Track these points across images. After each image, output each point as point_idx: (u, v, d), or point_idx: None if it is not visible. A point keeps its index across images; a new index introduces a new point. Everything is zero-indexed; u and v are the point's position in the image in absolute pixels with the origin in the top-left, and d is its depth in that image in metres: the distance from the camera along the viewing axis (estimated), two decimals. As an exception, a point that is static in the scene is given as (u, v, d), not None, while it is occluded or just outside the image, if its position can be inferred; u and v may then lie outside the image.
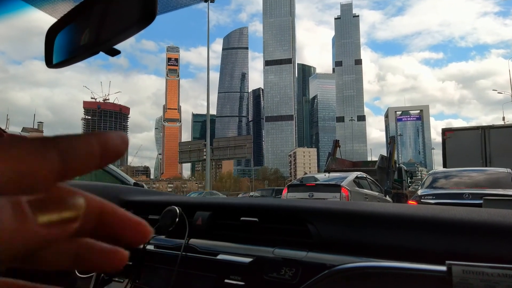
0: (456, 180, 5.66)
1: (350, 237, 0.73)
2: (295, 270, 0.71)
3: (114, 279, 0.94)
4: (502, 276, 0.50)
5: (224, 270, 0.79)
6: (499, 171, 5.63)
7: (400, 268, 0.60)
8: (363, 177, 7.74)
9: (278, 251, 0.77)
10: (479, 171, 5.94)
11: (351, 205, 0.86)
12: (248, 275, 0.76)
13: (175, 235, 0.92)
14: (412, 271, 0.59)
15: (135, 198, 1.14)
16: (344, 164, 13.97)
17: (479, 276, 0.51)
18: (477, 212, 0.68)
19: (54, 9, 0.63)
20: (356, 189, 6.81)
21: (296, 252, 0.75)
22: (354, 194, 6.55)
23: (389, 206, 0.81)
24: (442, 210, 0.72)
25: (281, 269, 0.73)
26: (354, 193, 6.56)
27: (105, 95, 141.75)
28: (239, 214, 0.88)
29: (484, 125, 8.78)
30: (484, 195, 3.66)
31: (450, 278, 0.53)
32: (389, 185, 11.81)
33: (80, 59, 0.50)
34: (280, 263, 0.74)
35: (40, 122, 60.21)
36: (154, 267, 0.91)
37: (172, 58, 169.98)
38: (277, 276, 0.72)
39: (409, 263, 0.61)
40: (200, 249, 0.86)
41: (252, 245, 0.82)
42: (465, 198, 4.69)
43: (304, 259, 0.72)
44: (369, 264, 0.64)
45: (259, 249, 0.80)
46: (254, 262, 0.77)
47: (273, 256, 0.76)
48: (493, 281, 0.50)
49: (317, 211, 0.80)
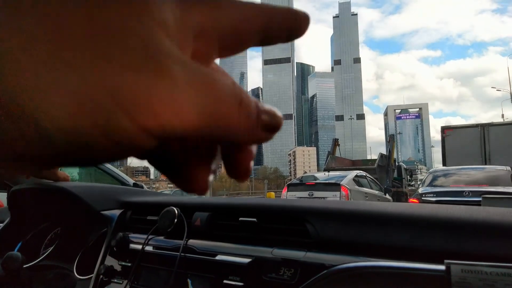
0: (456, 178, 5.75)
1: (349, 237, 0.72)
2: (294, 270, 0.71)
3: (112, 280, 0.93)
4: (501, 275, 0.50)
5: (222, 271, 0.79)
6: (498, 169, 5.71)
7: (399, 267, 0.60)
8: (363, 175, 7.77)
9: (277, 251, 0.77)
10: (478, 169, 6.02)
11: (350, 204, 0.86)
12: (247, 275, 0.76)
13: (173, 236, 0.92)
14: (411, 270, 0.59)
15: (133, 199, 1.14)
16: (343, 162, 14.06)
17: (478, 275, 0.51)
18: (476, 211, 0.67)
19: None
20: (356, 188, 6.83)
21: (295, 252, 0.74)
22: (354, 192, 6.58)
23: (388, 205, 0.81)
24: (441, 209, 0.72)
25: (280, 269, 0.72)
26: (354, 192, 6.58)
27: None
28: (238, 214, 0.88)
29: (483, 123, 8.80)
30: (484, 193, 3.70)
31: (449, 277, 0.53)
32: (388, 184, 11.89)
33: None
34: (279, 263, 0.74)
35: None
36: (153, 268, 0.91)
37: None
38: (276, 277, 0.72)
39: (407, 262, 0.61)
40: (199, 249, 0.86)
41: (251, 246, 0.82)
42: (465, 195, 4.78)
43: (303, 259, 0.72)
44: (368, 264, 0.64)
45: (258, 249, 0.80)
46: (253, 262, 0.77)
47: (272, 256, 0.76)
48: (492, 280, 0.50)
49: (315, 210, 0.80)
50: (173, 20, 0.14)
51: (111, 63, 0.12)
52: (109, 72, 0.12)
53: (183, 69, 0.13)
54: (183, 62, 0.13)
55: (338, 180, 6.65)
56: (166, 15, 0.13)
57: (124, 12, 0.12)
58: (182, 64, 0.13)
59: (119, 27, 0.12)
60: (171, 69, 0.13)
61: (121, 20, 0.12)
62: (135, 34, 0.12)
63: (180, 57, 0.13)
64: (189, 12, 0.14)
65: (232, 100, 0.14)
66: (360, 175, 7.57)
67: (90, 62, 0.12)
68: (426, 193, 5.25)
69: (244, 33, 0.16)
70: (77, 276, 1.00)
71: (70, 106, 0.11)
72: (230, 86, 0.14)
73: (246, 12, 0.16)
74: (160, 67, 0.12)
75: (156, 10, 0.13)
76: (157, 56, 0.12)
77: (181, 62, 0.13)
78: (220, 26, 0.15)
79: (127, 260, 0.95)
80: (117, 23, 0.12)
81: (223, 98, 0.14)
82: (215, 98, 0.13)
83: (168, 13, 0.14)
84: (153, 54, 0.12)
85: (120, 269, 0.94)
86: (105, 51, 0.12)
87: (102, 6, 0.12)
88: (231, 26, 0.15)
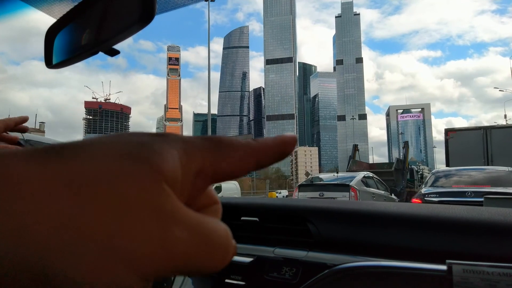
0: (458, 179, 5.82)
1: (350, 237, 0.73)
2: (295, 269, 0.71)
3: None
4: (502, 275, 0.50)
5: (224, 270, 0.79)
6: (499, 170, 5.78)
7: (401, 267, 0.60)
8: (370, 176, 7.94)
9: (278, 251, 0.77)
10: (480, 170, 6.09)
11: (352, 204, 0.86)
12: (248, 274, 0.76)
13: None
14: (412, 270, 0.59)
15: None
16: (362, 166, 14.97)
17: (480, 275, 0.51)
18: (478, 211, 0.67)
19: (53, 9, 0.63)
20: (363, 188, 6.98)
21: (296, 251, 0.75)
22: (362, 193, 6.73)
23: (389, 205, 0.81)
24: (442, 209, 0.72)
25: (282, 269, 0.73)
26: (362, 192, 6.74)
27: (107, 94, 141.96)
28: (240, 213, 0.88)
29: (486, 126, 9.07)
30: (486, 193, 3.72)
31: (450, 277, 0.53)
32: (404, 184, 12.86)
33: (79, 59, 0.50)
34: (281, 263, 0.74)
35: (42, 122, 60.24)
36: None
37: (173, 57, 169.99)
38: (277, 276, 0.72)
39: (409, 262, 0.61)
40: (201, 248, 0.86)
41: (253, 245, 0.82)
42: (467, 196, 4.83)
43: (305, 258, 0.72)
44: (369, 264, 0.64)
45: (260, 248, 0.80)
46: (255, 261, 0.77)
47: (273, 256, 0.76)
48: (494, 280, 0.50)
49: (317, 210, 0.80)
50: (180, 173, 0.15)
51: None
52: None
53: (184, 228, 0.15)
54: (184, 221, 0.15)
55: (347, 181, 6.81)
56: (176, 172, 0.15)
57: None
58: (184, 224, 0.15)
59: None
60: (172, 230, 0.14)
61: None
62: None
63: (183, 216, 0.15)
64: (193, 158, 0.16)
65: (222, 250, 0.16)
66: (368, 176, 7.75)
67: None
68: (428, 194, 5.30)
69: (238, 170, 0.18)
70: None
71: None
72: (223, 233, 0.16)
73: (242, 153, 0.18)
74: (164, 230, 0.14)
75: (169, 172, 0.15)
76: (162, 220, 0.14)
77: (183, 222, 0.15)
78: (218, 167, 0.17)
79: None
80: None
81: (214, 251, 0.15)
82: (206, 253, 0.15)
83: (177, 169, 0.15)
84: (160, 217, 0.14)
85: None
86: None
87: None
88: (228, 165, 0.17)
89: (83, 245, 0.13)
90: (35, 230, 0.12)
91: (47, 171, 0.13)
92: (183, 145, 0.16)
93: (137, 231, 0.13)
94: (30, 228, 0.12)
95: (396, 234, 0.68)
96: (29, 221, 0.12)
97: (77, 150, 0.14)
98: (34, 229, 0.12)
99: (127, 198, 0.13)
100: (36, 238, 0.12)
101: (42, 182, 0.13)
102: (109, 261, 0.13)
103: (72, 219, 0.13)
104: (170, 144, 0.16)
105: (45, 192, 0.13)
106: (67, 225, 0.13)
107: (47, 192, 0.13)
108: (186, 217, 0.15)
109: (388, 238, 0.68)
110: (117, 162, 0.14)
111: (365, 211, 0.75)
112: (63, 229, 0.12)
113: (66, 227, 0.12)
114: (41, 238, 0.12)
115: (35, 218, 0.12)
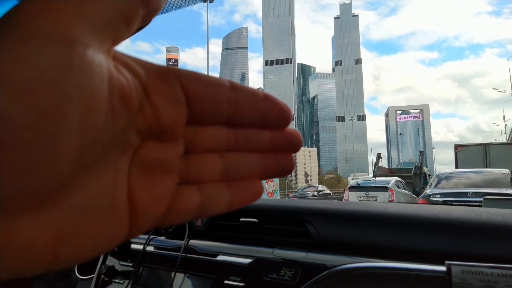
0: (460, 181, 6.36)
1: (349, 238, 0.73)
2: (294, 270, 0.71)
3: (114, 280, 0.94)
4: (501, 276, 0.50)
5: (223, 271, 0.79)
6: (495, 172, 6.43)
7: (400, 268, 0.60)
8: (399, 180, 10.16)
9: (277, 252, 0.77)
10: (479, 172, 6.71)
11: (351, 205, 0.86)
12: (247, 276, 0.76)
13: (174, 236, 0.92)
14: (411, 271, 0.59)
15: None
16: (384, 171, 19.09)
17: (479, 276, 0.51)
18: (476, 212, 0.68)
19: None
20: (397, 190, 8.84)
21: (295, 252, 0.75)
22: (396, 193, 8.51)
23: (389, 206, 0.81)
24: (441, 210, 0.72)
25: (281, 270, 0.73)
26: (396, 193, 8.52)
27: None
28: (239, 215, 0.88)
29: (485, 143, 12.25)
30: (485, 194, 3.90)
31: (449, 278, 0.53)
32: (421, 186, 15.75)
33: None
34: (280, 264, 0.74)
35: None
36: (154, 268, 0.91)
37: (172, 58, 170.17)
38: (276, 277, 0.72)
39: (408, 263, 0.61)
40: (200, 250, 0.86)
41: (252, 246, 0.82)
42: (469, 196, 5.30)
43: (304, 259, 0.72)
44: (369, 265, 0.64)
45: (259, 249, 0.80)
46: (254, 263, 0.77)
47: (272, 257, 0.76)
48: (493, 281, 0.50)
49: (316, 211, 0.80)
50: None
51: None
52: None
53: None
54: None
55: (386, 184, 8.79)
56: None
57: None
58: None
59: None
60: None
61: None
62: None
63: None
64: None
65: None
66: (398, 180, 9.92)
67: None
68: (433, 194, 5.75)
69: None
70: (78, 276, 1.01)
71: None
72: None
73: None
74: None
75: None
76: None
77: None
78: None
79: (128, 260, 0.95)
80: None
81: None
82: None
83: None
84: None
85: (121, 269, 0.94)
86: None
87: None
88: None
89: None
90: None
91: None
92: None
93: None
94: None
95: (396, 235, 0.68)
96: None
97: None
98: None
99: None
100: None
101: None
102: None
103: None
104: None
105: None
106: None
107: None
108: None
109: (388, 239, 0.68)
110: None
111: (364, 212, 0.75)
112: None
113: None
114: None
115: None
